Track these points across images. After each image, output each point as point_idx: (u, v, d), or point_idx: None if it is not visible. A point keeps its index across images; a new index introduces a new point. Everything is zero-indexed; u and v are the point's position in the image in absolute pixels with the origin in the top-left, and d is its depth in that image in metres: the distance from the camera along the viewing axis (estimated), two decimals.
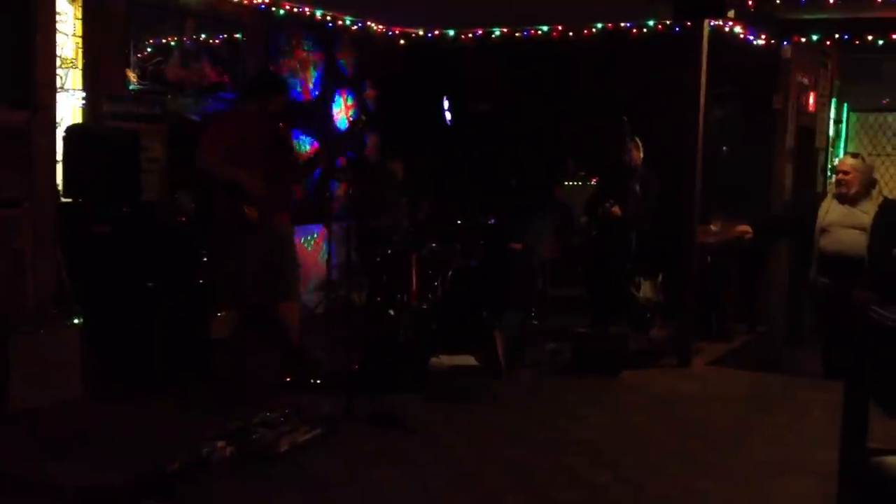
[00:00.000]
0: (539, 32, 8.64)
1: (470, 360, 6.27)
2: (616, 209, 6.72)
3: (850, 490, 2.78)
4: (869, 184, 6.03)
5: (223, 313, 5.96)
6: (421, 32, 9.15)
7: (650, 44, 8.12)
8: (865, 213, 5.93)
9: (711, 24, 6.52)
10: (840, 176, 6.06)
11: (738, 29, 7.68)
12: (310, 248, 8.31)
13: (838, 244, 5.96)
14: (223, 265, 5.65)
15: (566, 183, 8.10)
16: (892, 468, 2.67)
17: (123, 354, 5.41)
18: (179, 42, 6.98)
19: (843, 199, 6.02)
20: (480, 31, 8.89)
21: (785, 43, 8.24)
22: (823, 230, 6.05)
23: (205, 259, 5.89)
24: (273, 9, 7.58)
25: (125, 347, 5.41)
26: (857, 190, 5.96)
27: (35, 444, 4.60)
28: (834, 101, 9.45)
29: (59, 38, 5.74)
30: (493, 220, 7.08)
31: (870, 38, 7.94)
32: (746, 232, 6.61)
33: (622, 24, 8.25)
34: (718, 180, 7.38)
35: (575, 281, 7.51)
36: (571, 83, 8.44)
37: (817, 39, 8.14)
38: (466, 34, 8.97)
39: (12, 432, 4.71)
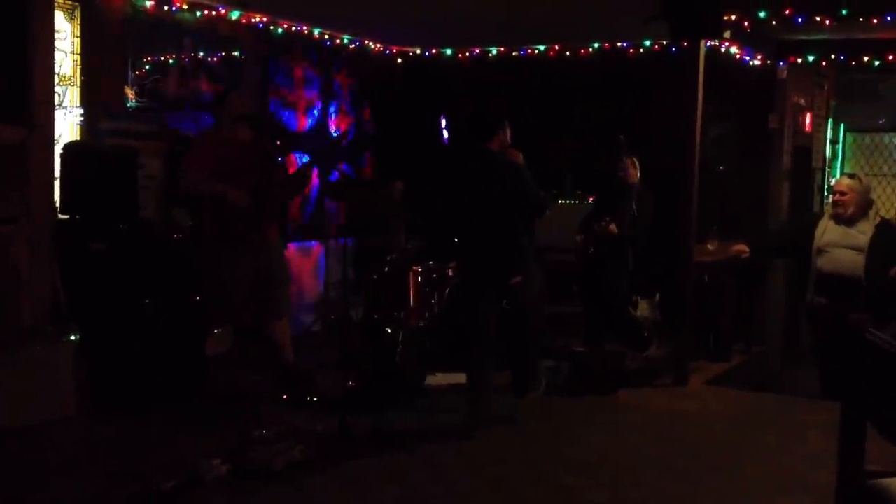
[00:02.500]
0: (536, 52, 8.67)
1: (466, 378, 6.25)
2: (612, 227, 6.72)
3: None
4: (866, 204, 6.04)
5: (219, 330, 5.95)
6: (418, 51, 9.18)
7: (647, 63, 8.15)
8: (862, 233, 5.93)
9: (708, 44, 6.55)
10: (837, 196, 6.07)
11: (734, 49, 7.72)
12: (307, 265, 8.31)
13: (835, 265, 5.97)
14: (213, 282, 5.64)
15: (561, 201, 8.11)
16: (888, 491, 2.67)
17: (119, 371, 5.39)
18: (177, 59, 7.00)
19: (839, 219, 6.03)
20: (478, 51, 8.93)
21: (781, 63, 8.28)
22: (820, 250, 6.05)
23: (200, 276, 5.89)
24: (271, 27, 7.61)
25: (121, 364, 5.40)
26: (854, 210, 5.97)
27: (29, 461, 4.58)
28: (830, 121, 9.47)
29: (57, 55, 5.75)
30: None
31: (866, 58, 7.97)
32: (743, 251, 6.61)
33: (619, 44, 8.28)
34: (715, 199, 7.39)
35: (570, 299, 7.50)
36: (568, 102, 8.47)
37: (813, 60, 8.18)
38: (464, 53, 9.01)
39: (5, 450, 4.69)
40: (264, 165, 5.76)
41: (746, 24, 6.75)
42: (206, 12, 6.98)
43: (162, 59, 6.89)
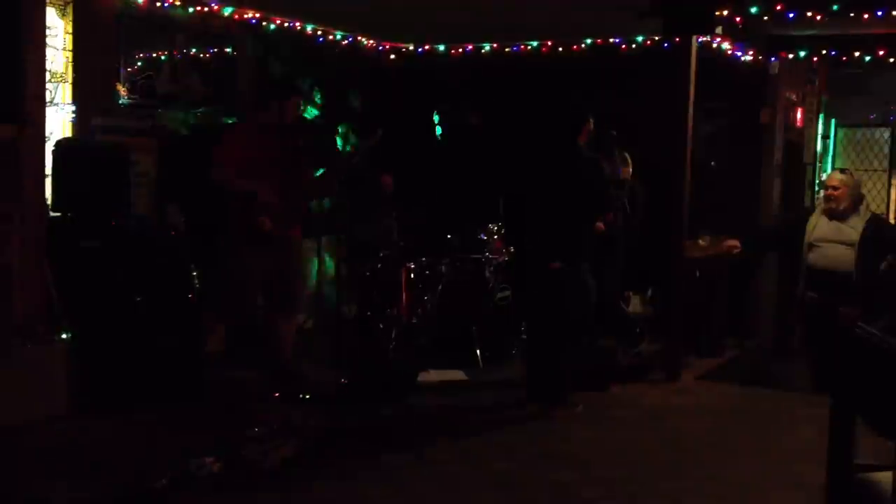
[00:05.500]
0: (529, 48, 8.67)
1: (459, 375, 6.28)
2: (599, 225, 6.71)
3: None
4: (857, 199, 6.06)
5: (215, 328, 5.95)
6: (411, 47, 9.17)
7: (639, 59, 8.15)
8: (853, 228, 5.96)
9: (699, 40, 6.57)
10: (829, 191, 6.09)
11: (725, 45, 7.73)
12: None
13: (826, 259, 5.99)
14: (232, 278, 5.62)
15: None
16: (878, 484, 2.69)
17: (112, 370, 5.37)
18: (170, 56, 6.99)
19: (831, 214, 6.05)
20: (471, 47, 8.92)
21: (772, 59, 8.29)
22: (811, 245, 6.08)
23: (195, 273, 5.86)
24: (264, 23, 7.59)
25: (114, 363, 5.38)
26: (845, 205, 6.00)
27: (22, 460, 4.57)
28: (821, 116, 9.49)
29: (48, 52, 5.72)
30: (482, 236, 7.07)
31: (857, 53, 7.98)
32: (735, 246, 6.63)
33: (611, 40, 8.28)
34: (707, 195, 7.40)
35: None
36: (560, 98, 8.46)
37: (805, 55, 8.19)
38: (457, 49, 9.00)
39: None
40: (295, 164, 5.73)
41: (738, 19, 6.76)
42: (198, 8, 6.96)
43: (154, 55, 6.87)
